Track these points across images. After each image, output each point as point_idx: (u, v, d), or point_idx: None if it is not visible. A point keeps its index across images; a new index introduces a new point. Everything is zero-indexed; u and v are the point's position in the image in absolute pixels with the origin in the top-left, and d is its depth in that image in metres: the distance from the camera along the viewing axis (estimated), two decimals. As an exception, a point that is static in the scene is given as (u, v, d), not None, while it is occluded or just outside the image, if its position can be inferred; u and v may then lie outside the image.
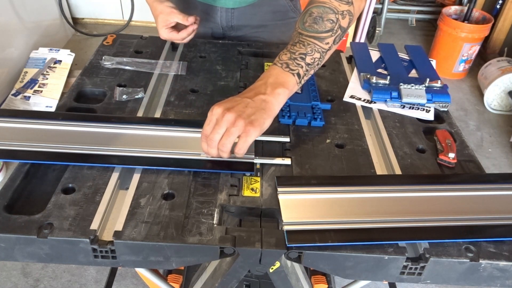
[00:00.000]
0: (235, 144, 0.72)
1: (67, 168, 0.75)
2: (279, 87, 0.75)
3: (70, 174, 0.74)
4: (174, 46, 1.17)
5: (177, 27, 1.05)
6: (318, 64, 0.80)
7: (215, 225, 0.67)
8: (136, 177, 0.75)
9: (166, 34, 1.04)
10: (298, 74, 0.77)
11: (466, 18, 2.94)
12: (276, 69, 0.77)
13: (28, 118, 0.84)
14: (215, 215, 0.69)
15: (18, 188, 0.72)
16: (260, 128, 0.71)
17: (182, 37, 1.04)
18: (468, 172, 0.82)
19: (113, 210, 0.70)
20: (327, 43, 0.79)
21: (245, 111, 0.71)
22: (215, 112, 0.71)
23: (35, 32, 2.75)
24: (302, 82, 0.79)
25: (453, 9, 3.06)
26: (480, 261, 0.64)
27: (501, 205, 0.72)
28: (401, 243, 0.66)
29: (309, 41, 0.78)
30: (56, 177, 0.75)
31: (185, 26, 1.03)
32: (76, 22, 3.37)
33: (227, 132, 0.70)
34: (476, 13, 2.99)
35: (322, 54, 0.79)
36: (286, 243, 0.64)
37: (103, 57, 1.07)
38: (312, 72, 0.80)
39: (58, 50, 2.56)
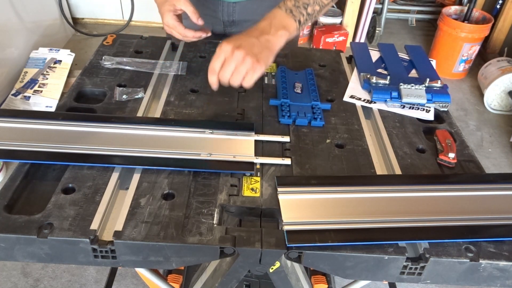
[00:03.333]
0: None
1: (67, 168, 0.75)
2: (282, 29, 0.81)
3: (70, 174, 0.74)
4: (174, 46, 1.17)
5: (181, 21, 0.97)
6: (315, 16, 0.86)
7: (215, 225, 0.67)
8: (136, 177, 0.75)
9: (171, 20, 0.93)
10: (299, 21, 0.83)
11: (466, 18, 2.93)
12: (280, 12, 0.82)
13: (28, 118, 0.84)
14: (215, 215, 0.69)
15: (18, 188, 0.72)
16: (265, 65, 0.78)
17: (185, 34, 0.95)
18: (468, 172, 0.82)
19: (113, 210, 0.70)
20: None
21: (252, 49, 0.76)
22: (225, 49, 0.76)
23: (35, 32, 2.75)
24: (301, 29, 0.84)
25: (453, 9, 3.06)
26: (480, 261, 0.64)
27: (501, 205, 0.72)
28: (401, 243, 0.66)
29: None
30: (56, 177, 0.75)
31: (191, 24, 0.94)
32: (76, 22, 3.37)
33: (236, 70, 0.76)
34: (476, 13, 2.99)
35: (321, 8, 0.86)
36: (286, 243, 0.64)
37: (103, 57, 1.07)
38: (309, 22, 0.85)
39: (58, 50, 2.55)
